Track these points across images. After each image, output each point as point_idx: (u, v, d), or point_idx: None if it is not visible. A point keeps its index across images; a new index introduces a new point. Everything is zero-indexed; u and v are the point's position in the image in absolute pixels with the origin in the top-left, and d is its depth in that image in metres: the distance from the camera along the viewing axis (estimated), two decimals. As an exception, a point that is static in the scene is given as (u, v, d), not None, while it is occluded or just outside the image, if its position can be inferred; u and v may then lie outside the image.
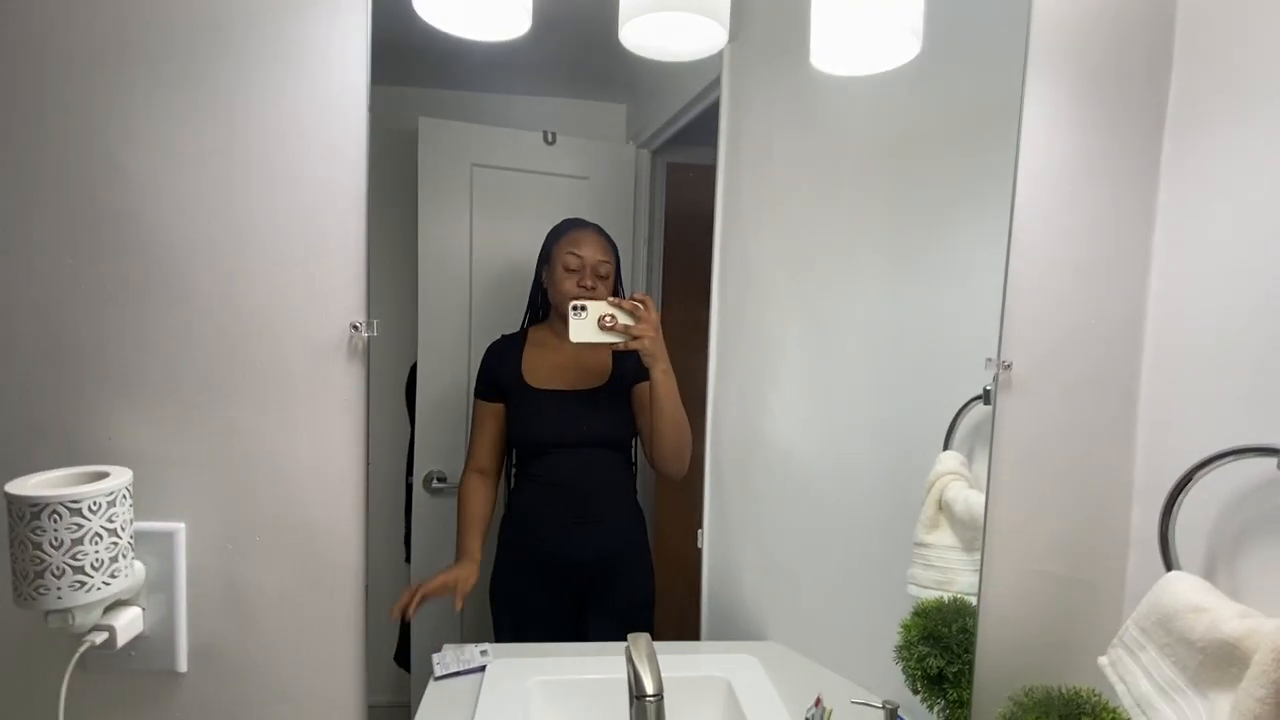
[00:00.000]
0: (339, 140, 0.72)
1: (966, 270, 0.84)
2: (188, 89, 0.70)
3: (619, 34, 0.72)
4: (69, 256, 0.71)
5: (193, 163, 0.71)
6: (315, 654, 0.76)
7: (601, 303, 0.95)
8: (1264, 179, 0.70)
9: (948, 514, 0.84)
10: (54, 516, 0.61)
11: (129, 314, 0.71)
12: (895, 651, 0.83)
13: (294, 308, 0.73)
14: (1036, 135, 0.79)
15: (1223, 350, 0.73)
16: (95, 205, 0.71)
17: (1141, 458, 0.83)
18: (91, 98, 0.70)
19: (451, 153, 1.05)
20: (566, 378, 1.04)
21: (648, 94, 1.11)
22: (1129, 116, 0.81)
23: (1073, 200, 0.81)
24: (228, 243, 0.72)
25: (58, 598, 0.62)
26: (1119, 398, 0.83)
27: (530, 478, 1.04)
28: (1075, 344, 0.82)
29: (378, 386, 0.76)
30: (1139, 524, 0.83)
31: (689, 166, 1.13)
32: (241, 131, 0.71)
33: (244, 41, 0.71)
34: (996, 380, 0.80)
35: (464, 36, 0.73)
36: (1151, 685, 0.63)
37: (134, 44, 0.70)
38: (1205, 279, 0.76)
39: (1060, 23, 0.79)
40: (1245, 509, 0.69)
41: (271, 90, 0.71)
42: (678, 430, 1.01)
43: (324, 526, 0.75)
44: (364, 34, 0.71)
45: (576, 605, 1.05)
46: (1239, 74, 0.73)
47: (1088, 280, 0.81)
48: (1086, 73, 0.80)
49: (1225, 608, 0.59)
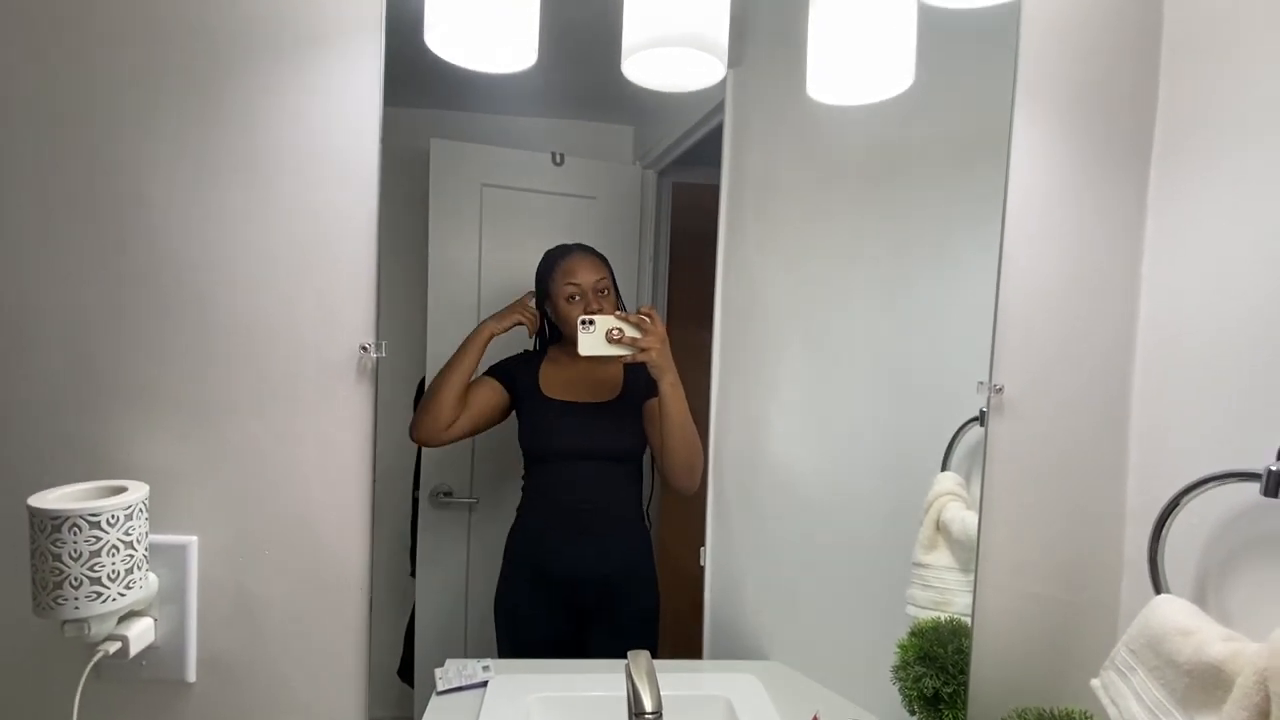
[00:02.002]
0: (353, 167, 0.75)
1: (962, 293, 0.86)
2: (209, 118, 0.73)
3: (621, 67, 0.75)
4: (94, 279, 0.73)
5: (212, 188, 0.74)
6: (320, 666, 0.78)
7: (609, 317, 0.98)
8: (1249, 205, 0.71)
9: (945, 535, 0.85)
10: (74, 529, 0.63)
11: (149, 333, 0.74)
12: (892, 672, 0.84)
13: (306, 328, 0.75)
14: (1025, 163, 0.81)
15: (1211, 373, 0.74)
16: (119, 229, 0.73)
17: (1133, 480, 0.84)
18: (117, 127, 0.73)
19: (462, 173, 1.08)
20: (579, 390, 1.06)
21: (654, 118, 1.13)
22: (1116, 144, 0.83)
23: (1062, 226, 0.83)
24: (243, 265, 0.75)
25: (75, 608, 0.64)
26: (1110, 421, 0.84)
27: (539, 489, 1.05)
28: (1066, 368, 0.83)
29: (387, 401, 0.78)
30: (1131, 546, 0.84)
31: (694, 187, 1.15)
32: (259, 158, 0.74)
33: (265, 70, 0.74)
34: (989, 403, 0.81)
35: (472, 69, 0.76)
36: (1141, 707, 0.63)
37: (159, 75, 0.73)
38: (1193, 303, 0.78)
39: (1047, 55, 0.81)
40: (1232, 533, 0.70)
41: (289, 117, 0.74)
42: (687, 443, 1.02)
43: (331, 541, 0.77)
44: (377, 63, 0.74)
45: (581, 620, 1.06)
46: (1223, 102, 0.75)
47: (1078, 305, 0.83)
48: (1073, 102, 0.82)
49: (1211, 630, 0.60)
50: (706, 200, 1.06)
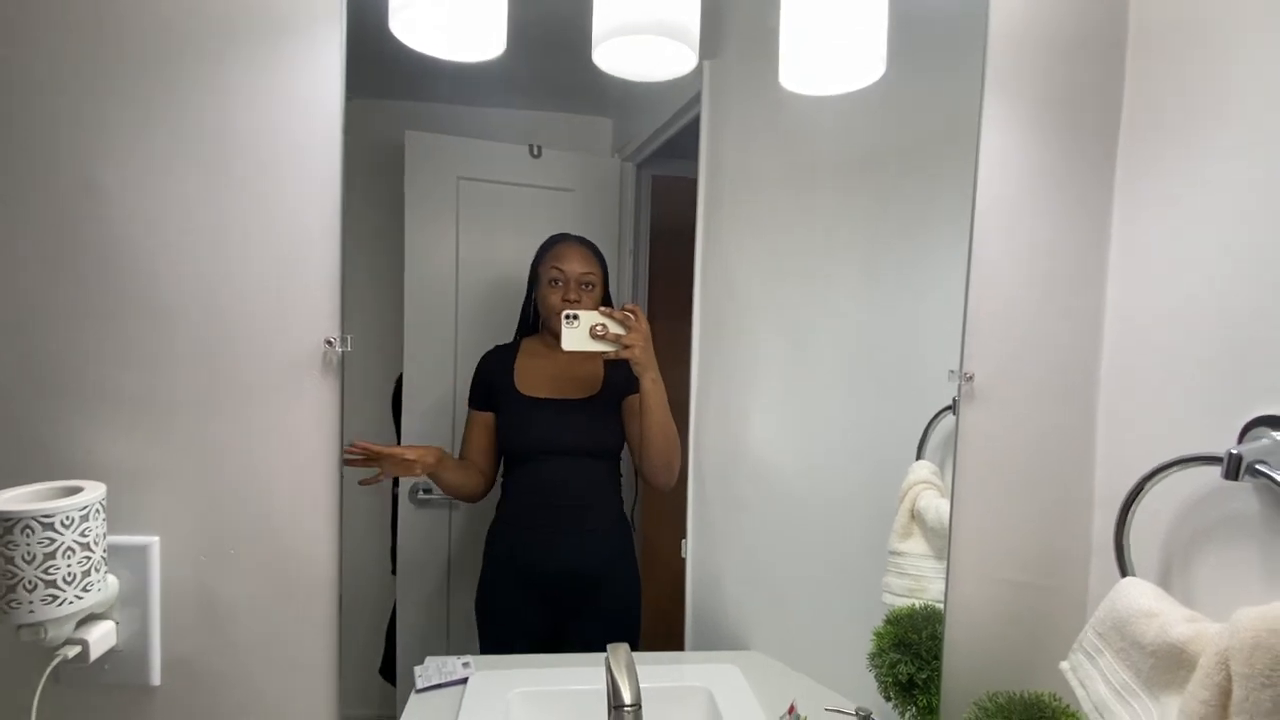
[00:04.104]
0: (314, 156, 0.73)
1: (935, 283, 0.86)
2: (163, 107, 0.71)
3: (592, 55, 0.74)
4: (46, 272, 0.71)
5: (167, 178, 0.72)
6: (290, 667, 0.76)
7: (593, 312, 0.97)
8: (1213, 193, 0.73)
9: (920, 523, 0.86)
10: (26, 531, 0.61)
11: (104, 329, 0.72)
12: (868, 659, 0.85)
13: (268, 323, 0.73)
14: (995, 152, 0.82)
15: (1177, 359, 0.76)
16: (71, 221, 0.71)
17: (1101, 466, 0.86)
18: (68, 113, 0.70)
19: (438, 166, 1.06)
20: (558, 387, 1.05)
21: (632, 109, 1.13)
22: (1084, 133, 0.84)
23: (1031, 215, 0.84)
24: (203, 258, 0.72)
25: (30, 611, 0.62)
26: (1078, 407, 0.86)
27: (518, 486, 1.04)
28: (1035, 355, 0.84)
29: (364, 398, 0.77)
30: (1100, 531, 0.85)
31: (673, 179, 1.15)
32: (217, 148, 0.72)
33: (220, 58, 0.71)
34: (960, 392, 0.82)
35: (439, 57, 0.75)
36: (1108, 689, 0.65)
37: (111, 60, 0.70)
38: (1159, 290, 0.79)
39: (1016, 45, 0.82)
40: (1195, 516, 0.71)
41: (246, 107, 0.72)
42: (667, 440, 1.03)
43: (298, 540, 0.75)
44: (339, 51, 0.72)
45: (563, 616, 1.05)
46: (1188, 92, 0.76)
47: (1046, 293, 0.84)
48: (1042, 92, 0.83)
49: (1174, 612, 0.61)
50: (685, 192, 1.06)
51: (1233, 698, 0.53)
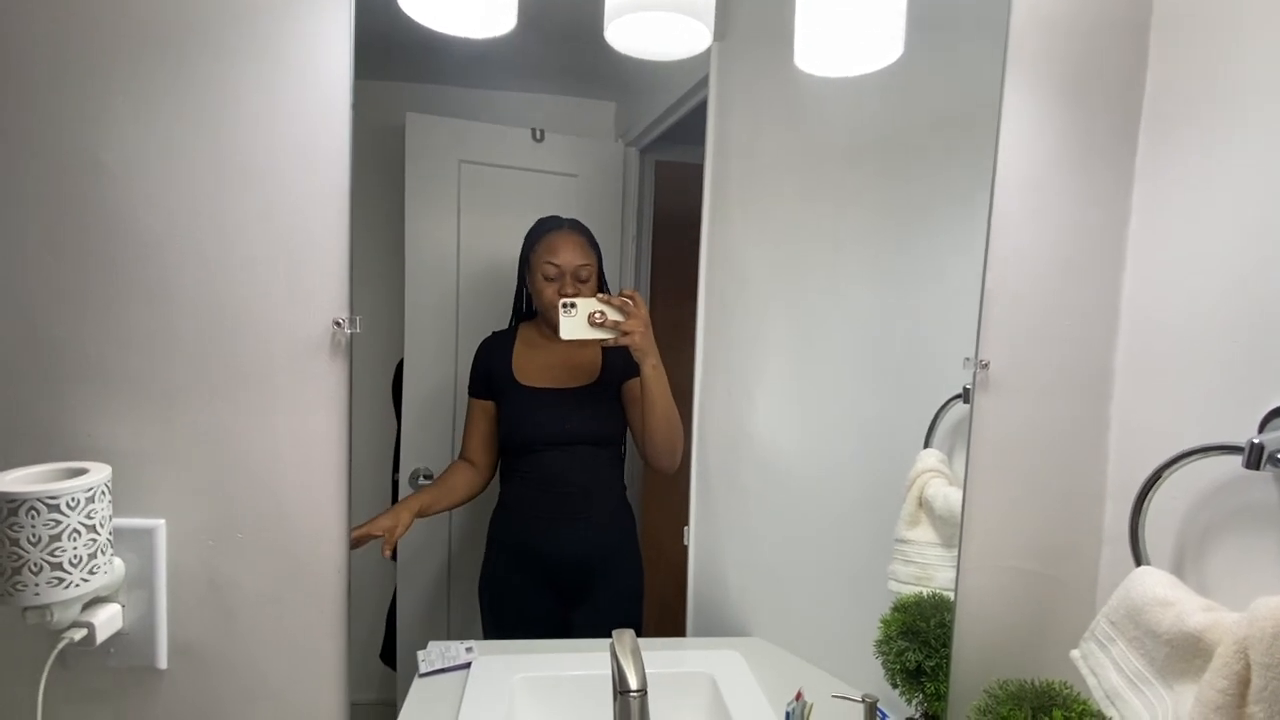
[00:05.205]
0: (322, 137, 0.72)
1: (947, 270, 0.85)
2: (168, 85, 0.70)
3: (604, 33, 0.73)
4: (50, 254, 0.70)
5: (173, 159, 0.70)
6: (297, 651, 0.76)
7: (591, 299, 0.96)
8: (1236, 181, 0.71)
9: (928, 511, 0.85)
10: (31, 512, 0.61)
11: (110, 310, 0.71)
12: (875, 646, 0.85)
13: (276, 303, 0.73)
14: (1014, 138, 0.80)
15: (1193, 350, 0.75)
16: (76, 202, 0.70)
17: (1114, 456, 0.85)
18: (72, 94, 0.69)
19: (439, 149, 1.05)
20: (556, 375, 1.05)
21: (636, 92, 1.11)
22: (1105, 120, 0.82)
23: (1050, 202, 0.82)
24: (209, 239, 0.71)
25: (35, 594, 0.62)
26: (1093, 397, 0.85)
27: (520, 475, 1.04)
28: (1051, 344, 0.83)
29: (364, 383, 0.76)
30: (1111, 520, 0.85)
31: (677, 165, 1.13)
32: (223, 128, 0.71)
33: (226, 38, 0.70)
34: (974, 379, 0.81)
35: (448, 33, 0.73)
36: (1121, 677, 0.64)
37: (114, 40, 0.69)
38: (1176, 280, 0.78)
39: (1038, 28, 0.80)
40: (1212, 506, 0.71)
41: (253, 87, 0.71)
42: (669, 424, 1.02)
43: (306, 523, 0.75)
44: (347, 30, 0.71)
45: (565, 602, 1.06)
46: (1211, 81, 0.74)
47: (1064, 281, 0.83)
48: (1064, 77, 0.81)
49: (1190, 601, 0.61)
50: (690, 178, 1.04)
51: (1251, 686, 0.53)
